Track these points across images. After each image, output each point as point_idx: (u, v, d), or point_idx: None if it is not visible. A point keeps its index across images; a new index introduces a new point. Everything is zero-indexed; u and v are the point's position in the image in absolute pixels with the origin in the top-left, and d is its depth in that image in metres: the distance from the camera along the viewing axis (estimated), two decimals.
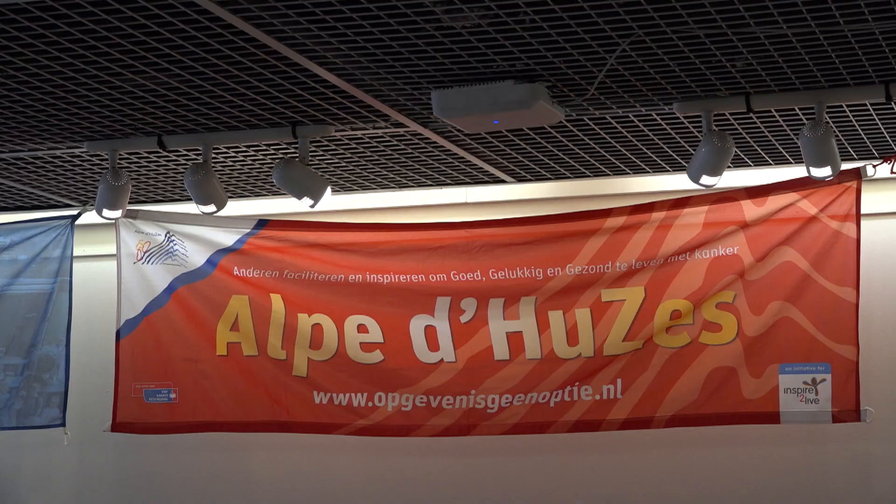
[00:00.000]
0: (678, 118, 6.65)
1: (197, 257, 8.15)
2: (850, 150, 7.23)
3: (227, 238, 8.10)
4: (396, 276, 7.89)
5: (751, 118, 6.65)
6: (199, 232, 8.13)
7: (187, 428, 8.17)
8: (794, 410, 7.34)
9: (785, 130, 6.89)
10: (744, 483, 7.71)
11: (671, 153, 7.36)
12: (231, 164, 7.59)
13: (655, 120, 6.73)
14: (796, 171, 7.27)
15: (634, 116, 6.67)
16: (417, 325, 7.88)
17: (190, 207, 7.81)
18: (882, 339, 7.49)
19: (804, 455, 7.63)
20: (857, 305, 7.24)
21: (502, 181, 7.96)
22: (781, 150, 7.28)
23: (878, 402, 7.37)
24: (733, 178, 7.31)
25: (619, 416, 7.59)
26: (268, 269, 8.04)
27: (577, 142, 7.13)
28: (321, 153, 7.37)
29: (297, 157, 7.09)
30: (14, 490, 8.70)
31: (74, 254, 8.27)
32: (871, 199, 7.29)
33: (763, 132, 6.95)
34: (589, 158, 7.48)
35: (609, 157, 7.46)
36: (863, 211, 7.20)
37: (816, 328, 7.33)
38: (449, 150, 7.29)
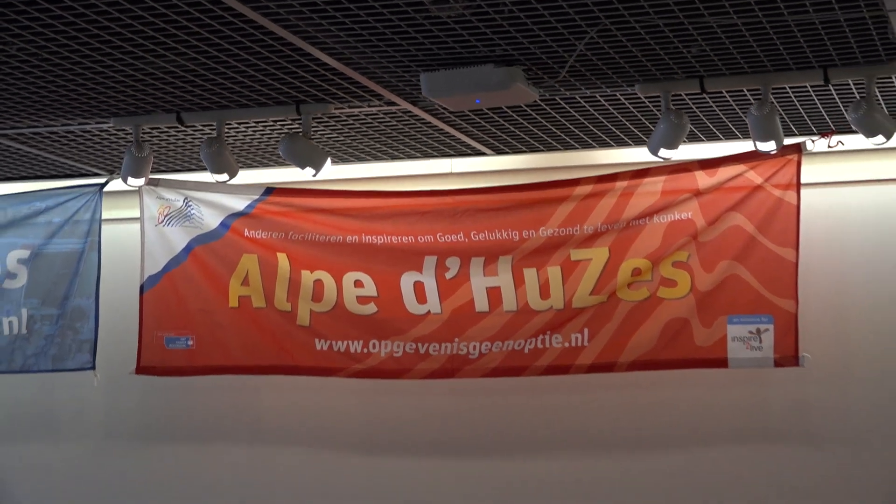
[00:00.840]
0: (639, 98, 6.62)
1: (212, 220, 8.10)
2: (791, 126, 7.20)
3: (239, 203, 8.05)
4: (389, 238, 7.86)
5: (704, 98, 6.63)
6: (214, 198, 8.08)
7: (203, 371, 8.15)
8: (740, 357, 7.34)
9: (734, 109, 6.86)
10: (696, 421, 7.73)
11: (633, 129, 7.33)
12: (242, 137, 7.54)
13: (619, 100, 6.70)
14: (744, 146, 7.24)
15: (600, 96, 6.63)
16: (407, 280, 7.85)
17: (205, 176, 7.77)
18: (819, 294, 7.47)
19: (749, 396, 7.64)
20: (796, 264, 7.23)
21: (483, 153, 7.92)
22: (731, 126, 7.25)
23: (814, 349, 7.37)
24: (688, 152, 7.28)
25: (585, 361, 7.58)
26: (274, 230, 8.00)
27: (550, 119, 7.09)
28: (322, 128, 7.33)
29: (300, 131, 7.05)
30: (50, 426, 8.69)
31: (103, 217, 8.23)
32: (811, 171, 7.27)
33: (715, 111, 6.92)
34: (560, 133, 7.44)
35: (578, 133, 7.42)
36: (802, 181, 7.18)
37: (761, 284, 7.32)
38: (436, 126, 7.25)
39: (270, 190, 8.05)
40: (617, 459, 7.83)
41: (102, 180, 8.31)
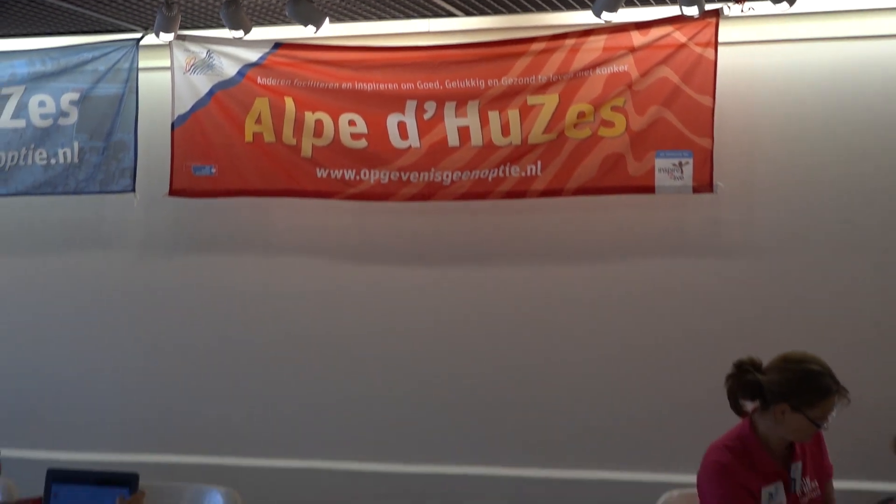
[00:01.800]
0: None
1: (230, 69, 8.06)
2: None
3: (253, 55, 8.01)
4: (377, 85, 7.84)
5: None
6: (232, 51, 8.03)
7: (224, 194, 8.20)
8: (665, 184, 7.41)
9: None
10: (628, 236, 7.81)
11: None
12: (254, 0, 7.47)
13: None
14: (672, 10, 7.23)
15: None
16: (392, 120, 7.85)
17: (224, 32, 7.74)
18: (731, 133, 7.51)
19: (671, 216, 7.71)
20: (713, 109, 7.29)
21: (455, 15, 7.85)
22: None
23: (726, 178, 7.44)
24: (626, 15, 7.24)
25: (538, 187, 7.64)
26: (282, 78, 7.97)
27: None
28: None
29: None
30: (99, 238, 8.71)
31: (139, 66, 8.20)
32: (726, 32, 7.27)
33: None
34: None
35: None
36: (720, 40, 7.20)
37: (683, 125, 7.36)
38: None
39: (279, 44, 8.00)
40: (563, 267, 7.91)
41: (138, 35, 8.24)
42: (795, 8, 6.69)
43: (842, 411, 6.08)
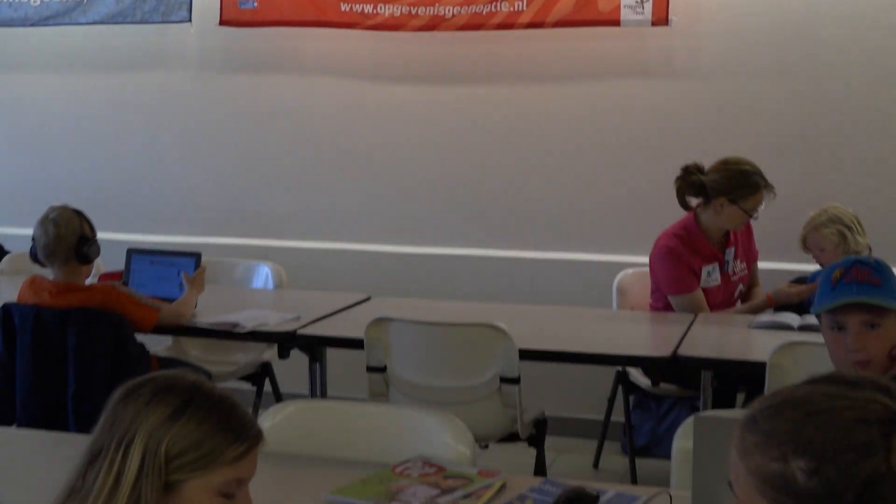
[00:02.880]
0: None
1: None
2: None
3: None
4: None
5: None
6: None
7: (264, 24, 8.06)
8: (629, 18, 7.29)
9: None
10: (597, 62, 7.72)
11: None
12: None
13: None
14: None
15: None
16: None
17: None
18: None
19: (633, 45, 7.60)
20: None
21: None
22: None
23: (679, 13, 7.32)
24: None
25: (524, 20, 7.50)
26: None
27: None
28: None
29: None
30: (162, 58, 8.57)
31: None
32: None
33: None
34: None
35: None
36: None
37: None
38: None
39: None
40: (543, 87, 7.83)
41: None
42: None
43: (769, 204, 6.16)
